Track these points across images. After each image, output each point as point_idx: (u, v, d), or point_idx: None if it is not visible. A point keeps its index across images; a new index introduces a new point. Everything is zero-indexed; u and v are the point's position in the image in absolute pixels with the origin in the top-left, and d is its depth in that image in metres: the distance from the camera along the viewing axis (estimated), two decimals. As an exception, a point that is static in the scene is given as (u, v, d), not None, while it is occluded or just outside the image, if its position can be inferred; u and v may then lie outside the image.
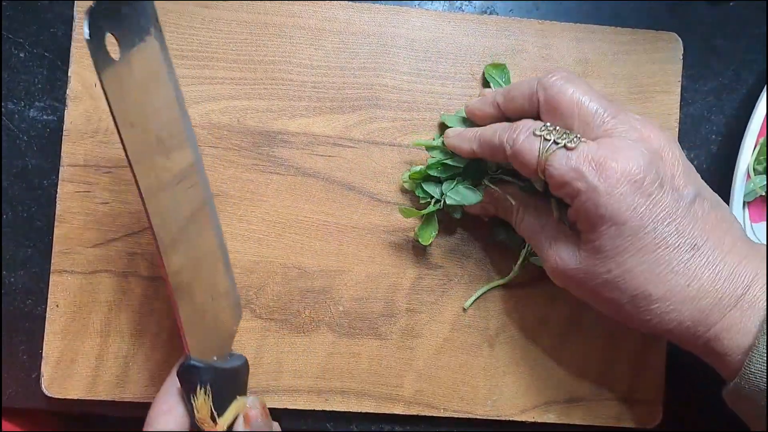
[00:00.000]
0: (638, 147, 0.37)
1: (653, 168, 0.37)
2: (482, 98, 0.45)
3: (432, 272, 0.48)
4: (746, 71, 0.52)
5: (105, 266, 0.47)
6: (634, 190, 0.36)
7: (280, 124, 0.48)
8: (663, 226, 0.36)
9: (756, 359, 0.35)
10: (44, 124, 0.49)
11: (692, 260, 0.37)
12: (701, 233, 0.37)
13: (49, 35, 0.49)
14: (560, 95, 0.40)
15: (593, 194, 0.37)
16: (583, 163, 0.37)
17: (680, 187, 0.37)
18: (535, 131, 0.39)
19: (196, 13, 0.48)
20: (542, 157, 0.38)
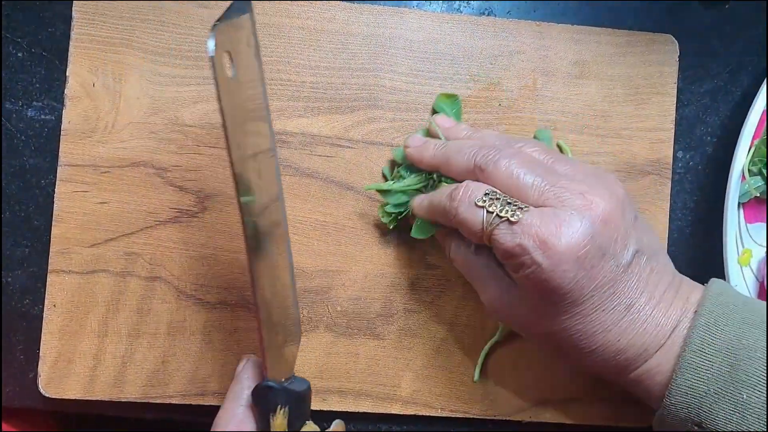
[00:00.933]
0: (581, 218, 0.37)
1: (596, 239, 0.37)
2: (420, 151, 0.44)
3: (430, 272, 0.49)
4: (742, 73, 0.52)
5: (103, 266, 0.47)
6: (578, 266, 0.37)
7: (278, 125, 0.48)
8: (601, 292, 0.38)
9: (674, 392, 0.37)
10: (42, 124, 0.49)
11: (624, 318, 0.38)
12: (636, 290, 0.38)
13: (47, 35, 0.49)
14: (496, 173, 0.39)
15: (538, 269, 0.37)
16: (526, 239, 0.37)
17: (619, 252, 0.38)
18: (477, 202, 0.39)
19: (196, 13, 0.48)
20: (486, 229, 0.38)
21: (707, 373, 0.36)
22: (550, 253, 0.36)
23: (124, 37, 0.47)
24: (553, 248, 0.36)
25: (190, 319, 0.47)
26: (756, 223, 0.50)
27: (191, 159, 0.48)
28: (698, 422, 0.37)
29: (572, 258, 0.36)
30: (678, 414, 0.37)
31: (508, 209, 0.38)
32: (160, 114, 0.47)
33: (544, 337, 0.40)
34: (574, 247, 0.36)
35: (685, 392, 0.37)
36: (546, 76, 0.50)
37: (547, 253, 0.36)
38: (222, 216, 0.48)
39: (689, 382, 0.37)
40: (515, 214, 0.37)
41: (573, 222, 0.37)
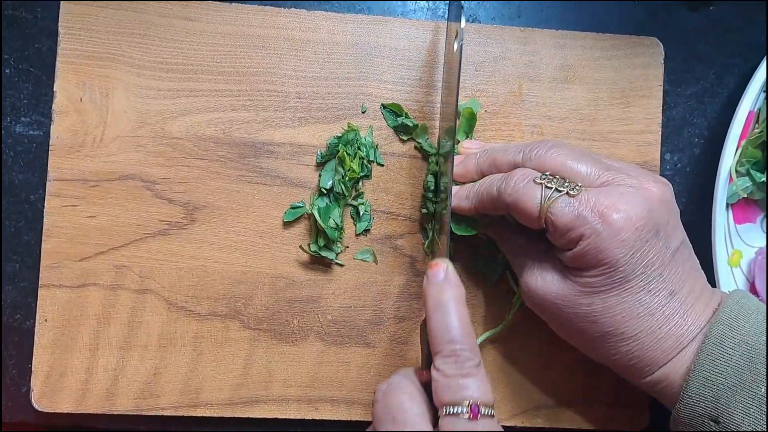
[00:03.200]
0: (638, 194, 0.38)
1: (653, 215, 0.38)
2: (463, 163, 0.45)
3: (419, 279, 0.49)
4: (728, 75, 0.53)
5: (93, 280, 0.47)
6: (635, 238, 0.38)
7: (265, 135, 0.48)
8: (651, 270, 0.38)
9: (692, 384, 0.38)
10: (30, 139, 0.49)
11: (668, 305, 0.39)
12: (679, 280, 0.39)
13: (34, 51, 0.49)
14: (547, 162, 0.40)
15: (596, 239, 0.38)
16: (586, 209, 0.38)
17: (670, 236, 0.39)
18: (535, 179, 0.40)
19: (180, 26, 0.48)
20: (545, 204, 0.39)
21: (725, 366, 0.37)
22: (610, 221, 0.37)
23: (110, 52, 0.48)
24: (613, 217, 0.37)
25: (181, 330, 0.47)
26: (745, 224, 0.50)
27: (179, 171, 0.48)
28: (715, 417, 0.37)
29: (631, 228, 0.37)
30: (695, 408, 0.38)
31: (567, 185, 0.39)
32: (148, 127, 0.48)
33: (585, 321, 0.40)
34: (632, 218, 0.38)
35: (703, 384, 0.37)
36: (531, 81, 0.50)
37: (606, 222, 0.37)
38: (211, 227, 0.48)
39: (708, 374, 0.37)
40: (574, 188, 0.39)
41: (631, 196, 0.38)
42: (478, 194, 0.43)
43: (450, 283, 0.39)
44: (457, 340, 0.37)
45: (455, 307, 0.38)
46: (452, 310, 0.38)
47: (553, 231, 0.39)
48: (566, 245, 0.39)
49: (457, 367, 0.36)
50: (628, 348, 0.40)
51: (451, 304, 0.38)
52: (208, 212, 0.48)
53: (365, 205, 0.48)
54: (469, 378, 0.36)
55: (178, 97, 0.48)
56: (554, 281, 0.41)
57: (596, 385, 0.49)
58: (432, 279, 0.39)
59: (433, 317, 0.38)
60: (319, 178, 0.48)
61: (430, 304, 0.38)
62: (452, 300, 0.38)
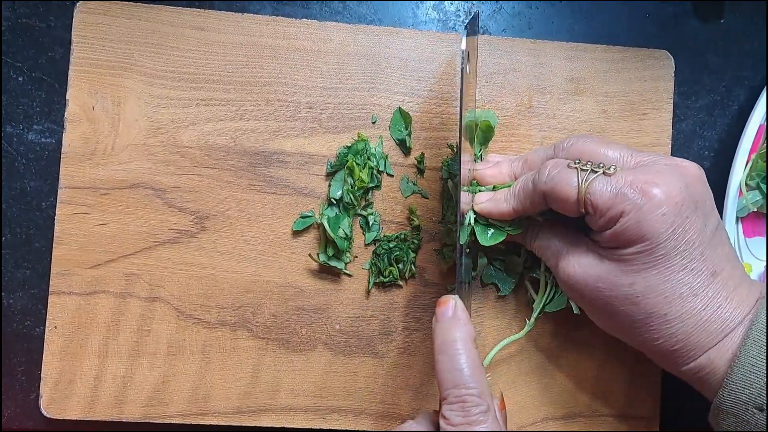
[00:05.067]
0: (675, 171, 0.38)
1: (690, 191, 0.38)
2: (497, 166, 0.45)
3: (427, 290, 0.49)
4: (738, 88, 0.53)
5: (103, 287, 0.47)
6: (675, 212, 0.37)
7: (276, 145, 0.48)
8: (692, 248, 0.38)
9: (738, 370, 0.36)
10: (42, 147, 0.49)
11: (711, 286, 0.38)
12: (720, 262, 0.38)
13: (47, 59, 0.49)
14: (581, 148, 0.41)
15: (637, 213, 0.37)
16: (626, 186, 0.38)
17: (708, 215, 0.39)
18: (569, 164, 0.40)
19: (192, 36, 0.48)
20: (582, 185, 0.38)
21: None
22: (650, 196, 0.37)
23: (122, 61, 0.48)
24: (653, 192, 0.37)
25: (189, 339, 0.48)
26: (754, 238, 0.50)
27: (190, 180, 0.48)
28: (760, 405, 0.36)
29: (671, 202, 0.37)
30: (740, 396, 0.36)
31: (602, 165, 0.39)
32: (159, 136, 0.48)
33: (627, 304, 0.39)
34: (672, 192, 0.37)
35: (750, 370, 0.36)
36: (541, 93, 0.50)
37: (646, 196, 0.37)
38: (221, 236, 0.48)
39: (754, 360, 0.36)
40: (611, 168, 0.39)
41: (668, 173, 0.38)
42: (515, 194, 0.43)
43: (458, 322, 0.38)
44: (463, 384, 0.36)
45: (463, 348, 0.37)
46: (460, 352, 0.37)
47: (594, 211, 0.39)
48: (606, 224, 0.39)
49: (463, 416, 0.36)
50: (672, 331, 0.38)
51: (459, 345, 0.37)
52: (218, 221, 0.48)
53: (374, 215, 0.48)
54: (476, 427, 0.35)
55: (189, 107, 0.48)
56: (593, 264, 0.40)
57: (605, 397, 0.49)
58: (440, 318, 0.39)
59: (439, 359, 0.37)
60: (328, 188, 0.48)
61: (436, 344, 0.38)
62: (460, 340, 0.37)
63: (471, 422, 0.35)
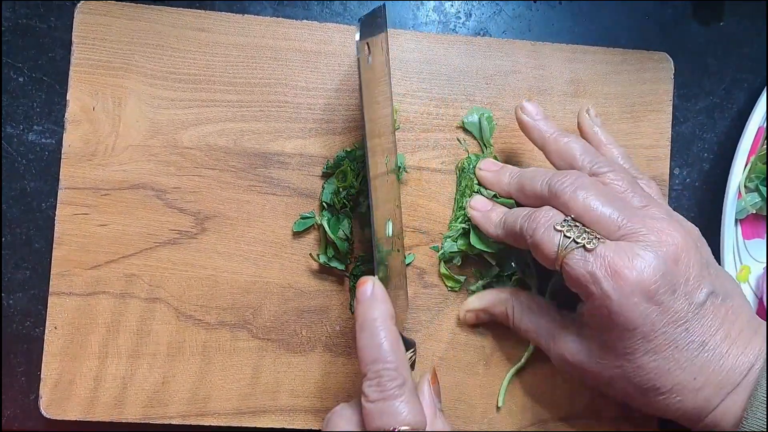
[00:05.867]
0: (655, 254, 0.38)
1: (667, 276, 0.37)
2: (497, 176, 0.46)
3: (427, 291, 0.49)
4: (737, 90, 0.53)
5: (103, 288, 0.47)
6: (647, 300, 0.37)
7: (276, 146, 0.48)
8: (673, 328, 0.38)
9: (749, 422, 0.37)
10: (43, 148, 0.49)
11: (699, 356, 0.38)
12: (710, 329, 0.38)
13: (47, 60, 0.49)
14: (572, 202, 0.40)
15: (606, 301, 0.37)
16: (599, 267, 0.38)
17: (693, 291, 0.38)
18: (555, 226, 0.39)
19: (193, 37, 0.48)
20: (560, 253, 0.39)
21: None
22: (620, 284, 0.37)
23: (123, 62, 0.48)
24: (624, 280, 0.37)
25: (189, 339, 0.48)
26: (753, 240, 0.50)
27: (190, 181, 0.48)
28: None
29: (642, 291, 0.37)
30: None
31: (585, 237, 0.39)
32: (160, 137, 0.48)
33: (622, 383, 0.40)
34: (644, 281, 0.37)
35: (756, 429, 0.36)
36: (541, 95, 0.50)
37: (617, 284, 0.37)
38: (221, 237, 0.48)
39: (759, 419, 0.36)
40: (591, 242, 0.38)
41: (646, 257, 0.37)
42: (504, 225, 0.43)
43: (376, 301, 0.39)
44: (380, 359, 0.37)
45: (382, 325, 0.38)
46: (378, 329, 0.37)
47: (567, 280, 0.40)
48: (581, 296, 0.40)
49: (379, 391, 0.36)
50: (668, 402, 0.39)
51: (378, 322, 0.38)
52: (218, 222, 0.48)
53: None
54: (392, 401, 0.36)
55: (190, 107, 0.48)
56: (580, 350, 0.41)
57: (603, 399, 0.49)
58: (360, 298, 0.39)
59: (360, 337, 0.38)
60: (322, 191, 0.48)
61: (357, 323, 0.38)
62: (379, 318, 0.38)
63: (387, 396, 0.36)
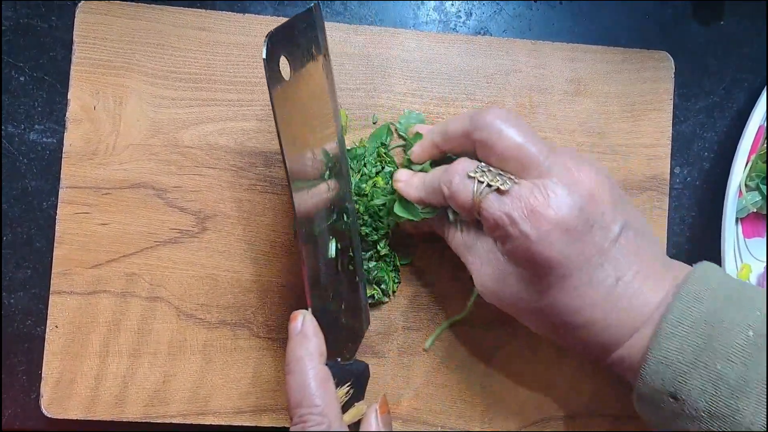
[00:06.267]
0: (570, 192, 0.38)
1: (584, 213, 0.37)
2: (421, 142, 0.45)
3: (428, 290, 0.49)
4: (737, 89, 0.53)
5: (104, 287, 0.47)
6: (565, 237, 0.37)
7: (277, 145, 0.48)
8: (590, 265, 0.38)
9: (651, 361, 0.37)
10: (44, 147, 0.49)
11: (612, 293, 0.38)
12: (624, 264, 0.38)
13: (48, 59, 0.49)
14: (495, 137, 0.39)
15: (525, 240, 0.37)
16: (515, 209, 0.37)
17: (608, 224, 0.38)
18: (468, 173, 0.39)
19: (194, 36, 0.48)
20: (476, 198, 0.39)
21: (683, 343, 0.36)
22: (538, 224, 0.37)
23: (124, 61, 0.48)
24: (541, 219, 0.37)
25: (190, 338, 0.48)
26: (754, 238, 0.50)
27: (191, 180, 0.48)
28: (673, 393, 0.36)
29: (560, 229, 0.37)
30: (654, 384, 0.37)
31: (498, 179, 0.38)
32: (160, 136, 0.48)
33: (535, 315, 0.40)
34: (562, 218, 0.37)
35: (661, 361, 0.37)
36: (542, 94, 0.50)
37: (535, 224, 0.37)
38: (222, 236, 0.48)
39: (665, 351, 0.36)
40: (505, 183, 0.38)
41: (561, 194, 0.37)
42: (425, 185, 0.43)
43: (305, 338, 0.38)
44: (305, 403, 0.36)
45: (309, 364, 0.37)
46: (305, 368, 0.37)
47: (486, 225, 0.39)
48: (499, 239, 0.39)
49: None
50: (579, 336, 0.39)
51: (305, 361, 0.37)
52: (219, 221, 0.48)
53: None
54: None
55: (190, 107, 0.48)
56: (499, 280, 0.40)
57: (604, 397, 0.49)
58: (290, 334, 0.39)
59: (288, 379, 0.37)
60: None
61: (286, 363, 0.38)
62: (306, 357, 0.37)
63: None
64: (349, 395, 0.40)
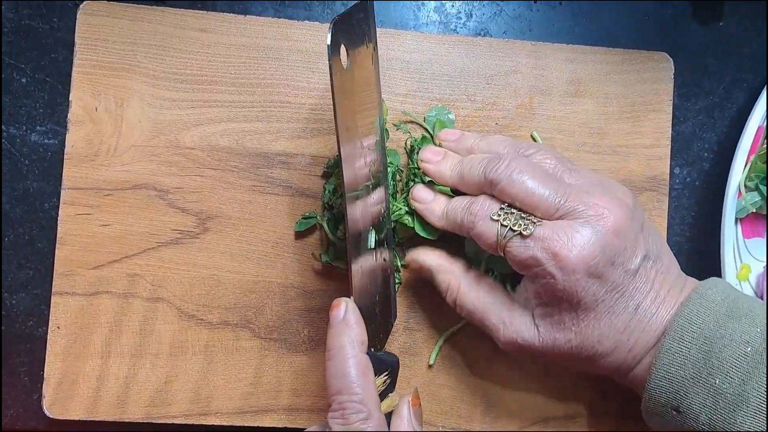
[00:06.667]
0: (593, 230, 0.39)
1: (606, 250, 0.39)
2: (438, 166, 0.45)
3: (428, 290, 0.49)
4: (737, 89, 0.53)
5: (105, 288, 0.47)
6: (588, 275, 0.38)
7: (278, 146, 0.49)
8: (611, 296, 0.39)
9: (654, 376, 0.39)
10: (45, 148, 0.49)
11: (634, 319, 0.40)
12: (642, 292, 0.40)
13: (50, 60, 0.49)
14: (510, 188, 0.40)
15: (551, 280, 0.39)
16: (539, 250, 0.39)
17: (628, 260, 0.40)
18: (492, 216, 0.40)
19: (195, 37, 0.49)
20: (500, 241, 0.40)
21: (684, 359, 0.38)
22: (563, 264, 0.38)
23: (125, 62, 0.48)
24: (565, 259, 0.38)
25: (192, 339, 0.48)
26: (753, 238, 0.50)
27: (192, 181, 0.48)
28: (676, 406, 0.38)
29: (583, 269, 0.38)
30: (658, 399, 0.39)
31: (521, 223, 0.40)
32: (162, 137, 0.48)
33: (566, 356, 0.41)
34: (585, 258, 0.38)
35: (664, 376, 0.38)
36: (542, 95, 0.50)
37: (559, 264, 0.38)
38: (223, 237, 0.48)
39: (667, 366, 0.38)
40: (527, 227, 0.39)
41: (584, 234, 0.39)
42: (447, 217, 0.44)
43: (347, 326, 0.38)
44: (346, 390, 0.36)
45: (350, 352, 0.37)
46: (346, 357, 0.37)
47: (513, 265, 0.41)
48: (527, 278, 0.41)
49: (343, 423, 0.36)
50: (607, 362, 0.41)
51: (347, 349, 0.37)
52: (220, 222, 0.48)
53: None
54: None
55: (192, 108, 0.48)
56: (529, 331, 0.42)
57: (605, 396, 0.49)
58: (332, 322, 0.39)
59: (327, 365, 0.38)
60: (323, 190, 0.48)
61: (327, 350, 0.38)
62: (347, 345, 0.38)
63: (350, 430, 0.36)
64: (386, 385, 0.41)
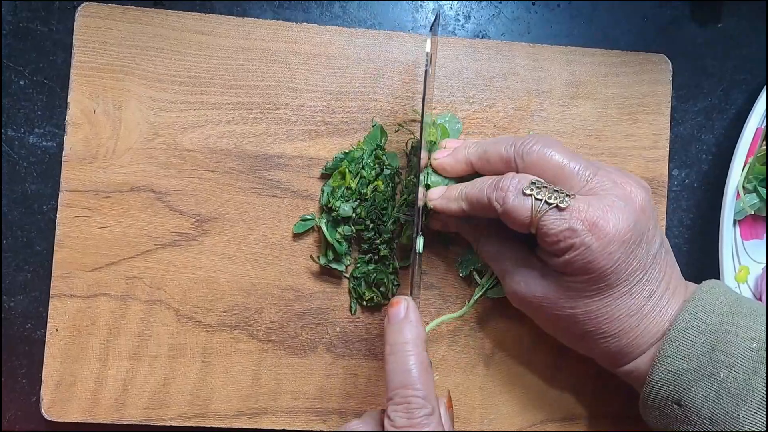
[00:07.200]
0: (626, 206, 0.39)
1: (638, 226, 0.39)
2: (453, 154, 0.45)
3: (427, 292, 0.49)
4: (735, 91, 0.53)
5: (104, 290, 0.47)
6: (622, 249, 0.39)
7: (276, 148, 0.49)
8: (633, 276, 0.40)
9: (657, 369, 0.39)
10: (44, 150, 0.49)
11: (646, 305, 0.40)
12: (657, 280, 0.41)
13: (48, 63, 0.49)
14: (542, 161, 0.41)
15: (587, 251, 0.38)
16: (577, 222, 0.38)
17: (651, 241, 0.40)
18: (524, 191, 0.40)
19: (193, 40, 0.49)
20: (535, 216, 0.39)
21: (689, 352, 0.38)
22: (600, 234, 0.38)
23: (124, 65, 0.48)
24: (603, 230, 0.38)
25: (190, 341, 0.48)
26: (752, 240, 0.50)
27: (191, 183, 0.48)
28: (677, 400, 0.38)
29: (619, 241, 0.38)
30: (660, 392, 0.39)
31: (556, 196, 0.39)
32: (160, 139, 0.48)
33: (563, 321, 0.41)
34: (621, 230, 0.38)
35: (667, 369, 0.39)
36: (540, 96, 0.50)
37: (596, 235, 0.38)
38: (221, 239, 0.48)
39: (671, 359, 0.39)
40: (564, 200, 0.39)
41: (619, 208, 0.39)
42: (467, 197, 0.43)
43: (409, 323, 0.39)
44: (410, 385, 0.37)
45: (413, 350, 0.38)
46: (410, 353, 0.38)
47: (545, 240, 0.40)
48: (556, 252, 0.40)
49: (407, 417, 0.36)
50: (608, 344, 0.41)
51: (410, 346, 0.38)
52: (218, 224, 0.48)
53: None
54: (419, 428, 0.36)
55: (190, 110, 0.48)
56: (538, 285, 0.42)
57: (605, 398, 0.49)
58: (392, 319, 0.39)
59: (389, 360, 0.38)
60: (321, 193, 0.48)
61: (387, 345, 0.38)
62: (411, 342, 0.38)
63: (414, 424, 0.36)
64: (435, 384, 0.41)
